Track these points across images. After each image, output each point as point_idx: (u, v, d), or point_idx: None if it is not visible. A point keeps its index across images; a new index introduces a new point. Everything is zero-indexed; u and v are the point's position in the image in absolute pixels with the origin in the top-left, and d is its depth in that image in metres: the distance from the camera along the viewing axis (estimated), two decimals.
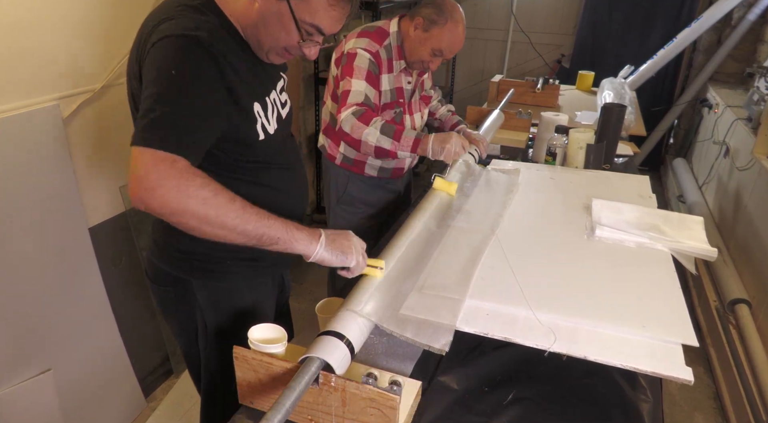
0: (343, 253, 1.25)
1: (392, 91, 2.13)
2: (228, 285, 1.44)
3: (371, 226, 2.42)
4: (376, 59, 2.02)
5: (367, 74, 1.99)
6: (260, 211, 1.15)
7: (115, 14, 2.08)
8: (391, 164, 2.30)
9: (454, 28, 2.00)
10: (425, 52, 2.04)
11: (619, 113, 2.35)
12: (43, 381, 1.99)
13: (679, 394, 2.72)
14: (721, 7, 3.92)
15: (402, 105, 2.18)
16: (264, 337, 1.16)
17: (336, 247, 1.24)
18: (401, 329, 1.19)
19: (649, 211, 1.76)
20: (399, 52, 2.10)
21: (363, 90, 1.98)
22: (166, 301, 1.50)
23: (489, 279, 1.39)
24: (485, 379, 1.27)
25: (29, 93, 1.85)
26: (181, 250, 1.37)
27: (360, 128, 1.92)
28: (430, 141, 1.92)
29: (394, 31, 2.09)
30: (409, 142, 1.92)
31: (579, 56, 5.11)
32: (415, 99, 2.27)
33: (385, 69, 2.08)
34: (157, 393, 2.64)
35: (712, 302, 3.03)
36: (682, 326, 1.22)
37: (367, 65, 2.00)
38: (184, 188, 1.03)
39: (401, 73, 2.14)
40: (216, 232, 1.10)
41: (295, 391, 0.93)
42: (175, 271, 1.41)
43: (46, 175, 1.92)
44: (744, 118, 3.50)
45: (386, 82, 2.09)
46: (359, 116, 1.93)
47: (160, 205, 1.03)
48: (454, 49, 2.06)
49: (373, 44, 2.03)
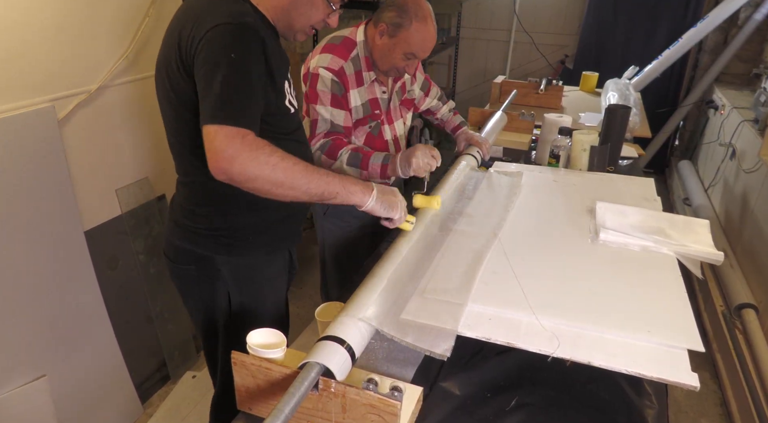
0: (390, 206, 1.47)
1: (365, 105, 2.02)
2: (250, 260, 1.56)
3: (361, 237, 2.30)
4: (340, 78, 1.90)
5: (332, 98, 1.90)
6: (320, 170, 1.34)
7: (111, 15, 2.08)
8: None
9: (421, 27, 1.86)
10: (397, 57, 1.92)
11: (623, 115, 2.35)
12: (38, 387, 1.99)
13: (685, 400, 2.72)
14: (727, 7, 3.92)
15: (378, 117, 2.08)
16: (263, 342, 1.16)
17: (385, 200, 1.46)
18: (402, 334, 1.19)
19: (654, 214, 1.76)
20: (368, 63, 1.98)
21: (328, 117, 1.91)
22: (188, 280, 1.61)
23: (491, 283, 1.39)
24: (488, 385, 1.27)
25: (24, 94, 1.85)
26: (205, 227, 1.49)
27: (328, 163, 1.89)
28: (397, 162, 1.84)
29: (361, 40, 1.97)
30: (376, 168, 1.87)
31: (583, 57, 5.12)
32: (394, 106, 2.16)
33: (353, 84, 1.96)
34: (154, 399, 2.64)
35: (718, 307, 3.03)
36: (687, 331, 1.22)
37: (329, 88, 1.89)
38: (256, 157, 1.20)
39: (373, 83, 2.02)
40: (286, 193, 1.28)
41: (294, 397, 0.94)
42: (200, 249, 1.52)
43: (41, 178, 1.92)
44: (751, 120, 3.51)
45: (356, 97, 1.98)
46: (325, 151, 1.90)
47: (239, 173, 1.20)
48: (426, 49, 1.93)
49: (336, 61, 1.91)
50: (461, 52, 5.57)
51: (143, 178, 2.44)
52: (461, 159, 2.13)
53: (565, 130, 2.34)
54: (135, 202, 2.40)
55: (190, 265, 1.56)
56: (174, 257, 1.58)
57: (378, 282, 1.34)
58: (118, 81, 2.21)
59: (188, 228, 1.51)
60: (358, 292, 1.29)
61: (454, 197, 1.88)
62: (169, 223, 1.58)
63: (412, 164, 1.80)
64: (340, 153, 1.88)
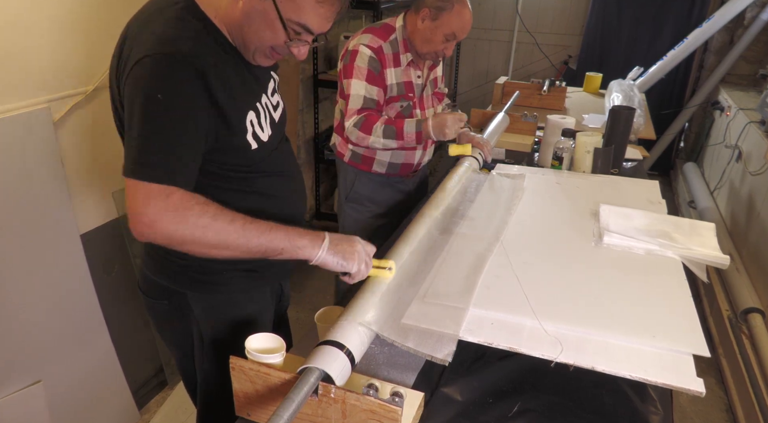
0: (344, 258, 1.28)
1: (399, 85, 2.19)
2: (225, 297, 1.44)
3: (380, 225, 2.46)
4: (378, 55, 2.10)
5: (368, 73, 2.09)
6: (260, 225, 1.19)
7: (107, 15, 2.08)
8: (400, 159, 2.35)
9: (461, 9, 2.07)
10: (438, 40, 2.11)
11: (627, 116, 2.35)
12: (33, 393, 1.99)
13: (690, 406, 2.72)
14: (733, 7, 3.93)
15: (411, 99, 2.24)
16: (262, 347, 1.16)
17: (338, 251, 1.28)
18: (403, 339, 1.20)
19: (659, 217, 1.76)
20: (405, 46, 2.18)
21: (362, 93, 2.09)
22: (161, 315, 1.50)
23: (494, 287, 1.39)
24: (490, 391, 1.27)
25: (18, 95, 1.85)
26: (177, 262, 1.37)
27: (364, 139, 2.08)
28: (429, 127, 2.06)
29: (399, 25, 2.18)
30: (412, 136, 2.07)
31: (586, 57, 5.12)
32: (427, 94, 2.34)
33: (391, 63, 2.15)
34: (150, 405, 2.63)
35: (724, 311, 3.03)
36: (693, 336, 1.22)
37: (366, 63, 2.09)
38: (182, 220, 1.09)
39: (409, 66, 2.20)
40: (221, 253, 1.16)
41: (293, 403, 0.94)
42: (171, 284, 1.41)
43: (36, 180, 1.93)
44: (757, 121, 3.51)
45: (392, 76, 2.16)
46: (360, 126, 2.07)
47: (163, 237, 1.10)
48: (465, 29, 2.12)
49: (376, 40, 2.12)
50: (463, 53, 5.58)
51: None
52: (463, 161, 2.14)
53: (568, 131, 2.34)
54: None
55: (162, 299, 1.45)
56: (147, 291, 1.48)
57: (378, 286, 1.34)
58: None
59: (161, 261, 1.39)
60: (358, 296, 1.29)
61: (456, 200, 1.88)
62: (144, 255, 1.45)
63: (446, 132, 2.04)
64: (374, 127, 2.06)
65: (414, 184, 2.55)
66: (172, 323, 1.50)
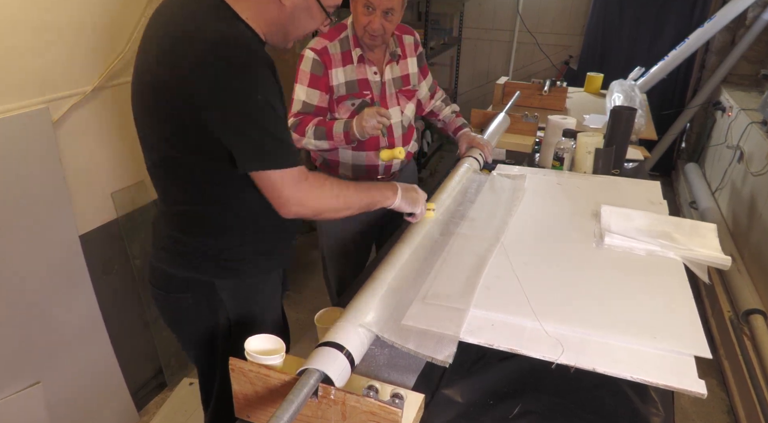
0: (412, 203, 1.62)
1: (349, 84, 2.13)
2: (249, 281, 1.53)
3: (358, 232, 2.38)
4: (322, 56, 2.06)
5: (310, 78, 2.07)
6: (360, 185, 1.50)
7: (105, 15, 2.09)
8: (361, 161, 2.25)
9: None
10: (360, 14, 2.02)
11: (628, 116, 2.35)
12: (32, 394, 2.00)
13: (692, 407, 2.72)
14: (734, 7, 3.92)
15: (365, 96, 2.15)
16: (261, 349, 1.16)
17: (407, 198, 1.61)
18: (403, 340, 1.20)
19: (660, 217, 1.76)
20: (355, 40, 2.12)
21: (302, 97, 2.08)
22: (180, 309, 1.54)
23: (494, 288, 1.39)
24: (490, 392, 1.27)
25: (17, 96, 1.86)
26: (201, 252, 1.44)
27: (299, 140, 2.05)
28: (353, 127, 1.98)
29: (350, 22, 2.13)
30: (340, 136, 2.02)
31: (587, 57, 5.12)
32: (390, 92, 2.23)
33: (338, 62, 2.10)
34: (150, 406, 2.64)
35: (725, 312, 3.03)
36: (694, 337, 1.22)
37: (309, 67, 2.06)
38: (322, 194, 1.36)
39: (362, 63, 2.13)
40: (343, 214, 1.44)
41: (293, 404, 0.94)
42: (197, 274, 1.46)
43: (36, 181, 1.93)
44: (759, 122, 3.51)
45: (339, 75, 2.10)
46: (295, 129, 2.05)
47: (311, 212, 1.36)
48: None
49: (321, 41, 2.09)
50: (463, 53, 5.58)
51: (139, 182, 2.45)
52: (463, 161, 2.14)
53: (569, 132, 2.34)
54: (131, 206, 2.40)
55: (185, 293, 1.49)
56: (164, 286, 1.52)
57: (378, 287, 1.34)
58: (114, 82, 2.21)
59: (183, 255, 1.45)
60: (358, 297, 1.30)
61: (456, 200, 1.89)
62: (158, 251, 1.50)
63: (365, 129, 1.95)
64: (306, 129, 2.04)
65: None
66: (195, 316, 1.54)
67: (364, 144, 2.15)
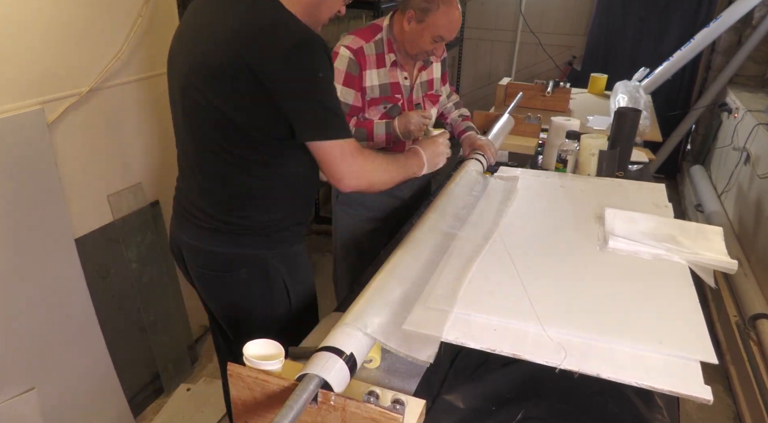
0: (436, 164, 1.84)
1: (383, 87, 2.18)
2: (295, 248, 1.68)
3: (372, 229, 2.45)
4: (357, 56, 2.09)
5: (345, 76, 2.10)
6: (398, 157, 1.69)
7: (102, 16, 2.09)
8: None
9: (447, 10, 2.02)
10: (425, 42, 2.08)
11: (633, 118, 2.35)
12: (27, 400, 1.99)
13: (698, 413, 2.72)
14: (741, 7, 3.92)
15: (397, 100, 2.22)
16: (260, 354, 1.16)
17: (432, 162, 1.81)
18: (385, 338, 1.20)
19: (666, 221, 1.76)
20: (390, 46, 2.16)
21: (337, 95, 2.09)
22: (236, 285, 1.62)
23: (497, 293, 1.39)
24: (492, 398, 1.27)
25: (11, 97, 1.86)
26: (251, 226, 1.55)
27: None
28: (397, 129, 2.13)
29: (386, 25, 2.16)
30: (382, 138, 2.14)
31: (591, 58, 5.13)
32: (417, 95, 2.30)
33: (372, 64, 2.14)
34: (146, 412, 2.63)
35: (732, 317, 3.02)
36: (700, 342, 1.22)
37: (345, 66, 2.09)
38: (374, 169, 1.52)
39: (394, 67, 2.18)
40: (388, 187, 1.59)
41: (292, 411, 0.94)
42: (253, 250, 1.58)
43: (30, 184, 1.93)
44: (765, 123, 3.51)
45: (372, 77, 2.15)
46: None
47: (366, 185, 1.51)
48: (453, 30, 2.08)
49: (357, 41, 2.11)
50: (465, 54, 5.59)
51: (136, 184, 2.45)
52: (466, 164, 2.14)
53: (572, 133, 2.34)
54: (128, 209, 2.40)
55: (240, 269, 1.59)
56: (220, 267, 1.60)
57: (377, 292, 1.34)
58: (111, 83, 2.22)
59: (231, 233, 1.55)
60: (358, 301, 1.29)
61: (456, 204, 1.88)
62: (207, 234, 1.57)
63: (411, 129, 2.11)
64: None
65: (410, 191, 2.53)
66: (256, 289, 1.63)
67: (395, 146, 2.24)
